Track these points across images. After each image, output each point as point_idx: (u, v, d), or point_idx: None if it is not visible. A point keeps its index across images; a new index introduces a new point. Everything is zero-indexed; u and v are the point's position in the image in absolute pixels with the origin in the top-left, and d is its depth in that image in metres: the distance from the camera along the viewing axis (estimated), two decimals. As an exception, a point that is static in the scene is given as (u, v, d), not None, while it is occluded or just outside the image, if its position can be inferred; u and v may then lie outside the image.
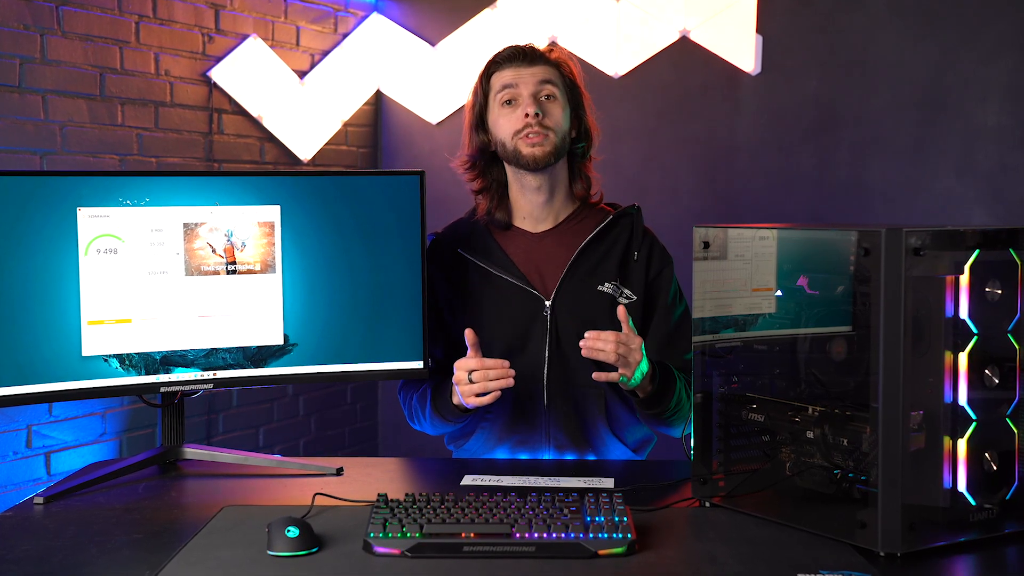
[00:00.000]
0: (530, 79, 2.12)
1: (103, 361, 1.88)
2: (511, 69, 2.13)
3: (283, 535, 1.50)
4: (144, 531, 1.63)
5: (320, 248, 2.00)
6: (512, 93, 2.12)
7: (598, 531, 1.50)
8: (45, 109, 3.12)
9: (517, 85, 2.12)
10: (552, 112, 2.11)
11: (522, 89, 2.11)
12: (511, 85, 2.12)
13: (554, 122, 2.11)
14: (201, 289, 1.94)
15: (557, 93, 2.13)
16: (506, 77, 2.13)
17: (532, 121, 2.08)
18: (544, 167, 2.11)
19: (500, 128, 2.13)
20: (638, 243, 2.17)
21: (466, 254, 2.17)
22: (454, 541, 1.49)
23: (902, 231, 1.45)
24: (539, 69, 2.13)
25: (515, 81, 2.12)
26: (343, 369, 2.02)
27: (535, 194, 2.16)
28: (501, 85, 2.13)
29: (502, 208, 2.18)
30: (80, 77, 3.21)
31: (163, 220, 1.91)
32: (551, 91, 2.12)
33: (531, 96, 2.10)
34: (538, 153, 2.09)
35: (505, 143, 2.12)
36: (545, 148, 2.09)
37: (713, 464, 1.72)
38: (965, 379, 1.51)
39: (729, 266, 1.70)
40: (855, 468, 1.52)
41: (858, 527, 1.49)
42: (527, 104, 2.10)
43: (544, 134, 2.09)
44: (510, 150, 2.12)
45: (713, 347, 1.73)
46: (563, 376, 2.12)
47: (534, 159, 2.10)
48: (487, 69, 2.17)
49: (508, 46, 2.18)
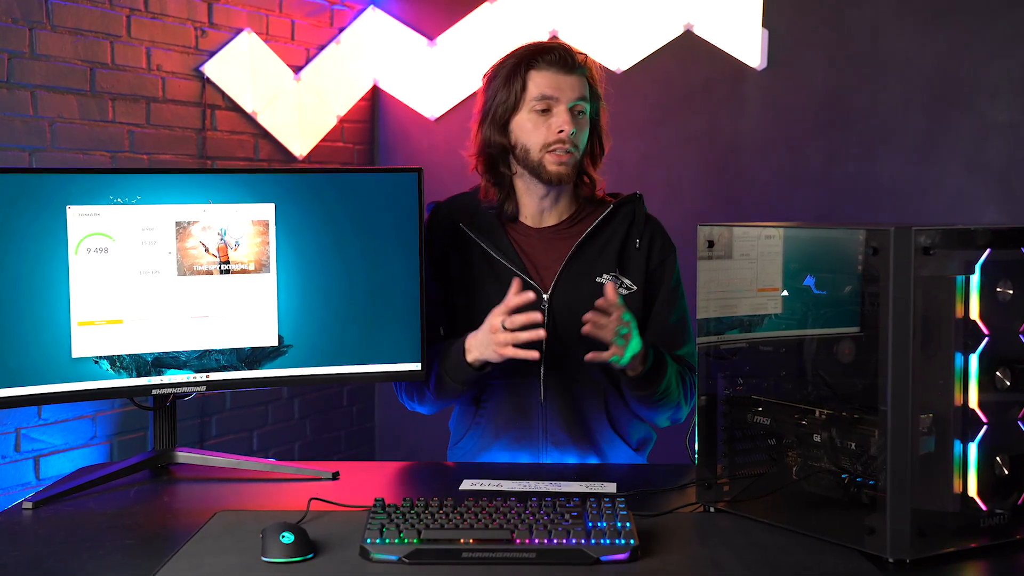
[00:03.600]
0: (570, 92, 2.08)
1: (93, 363, 1.88)
2: (552, 73, 2.08)
3: (277, 541, 1.50)
4: (135, 537, 1.63)
5: (315, 247, 2.00)
6: (549, 104, 2.08)
7: (600, 537, 1.51)
8: (34, 105, 3.12)
9: (557, 98, 2.08)
10: (581, 130, 2.11)
11: (561, 102, 2.08)
12: (551, 96, 2.08)
13: (580, 140, 2.11)
14: (194, 289, 1.94)
15: (586, 109, 2.12)
16: (546, 83, 2.08)
17: (566, 138, 2.07)
18: (564, 184, 2.12)
19: (527, 134, 2.10)
20: (639, 230, 2.18)
21: (470, 232, 2.16)
22: (453, 547, 1.49)
23: (911, 230, 1.45)
24: (576, 80, 2.09)
25: (555, 92, 2.08)
26: (339, 371, 2.02)
27: (542, 201, 2.17)
28: (540, 93, 2.08)
29: (511, 201, 2.18)
30: (70, 72, 3.21)
31: (155, 219, 1.91)
32: (583, 108, 2.11)
33: (568, 111, 2.08)
34: (563, 172, 2.10)
35: (530, 152, 2.10)
36: (568, 167, 2.10)
37: (718, 468, 1.72)
38: (976, 381, 1.51)
39: (734, 265, 1.70)
40: (863, 472, 1.52)
41: (866, 533, 1.49)
42: (564, 121, 2.07)
43: (572, 153, 2.09)
44: (534, 161, 2.10)
45: (718, 348, 1.73)
46: (561, 370, 2.12)
47: (559, 177, 2.10)
48: (522, 64, 2.10)
49: (545, 43, 2.14)
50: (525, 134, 2.10)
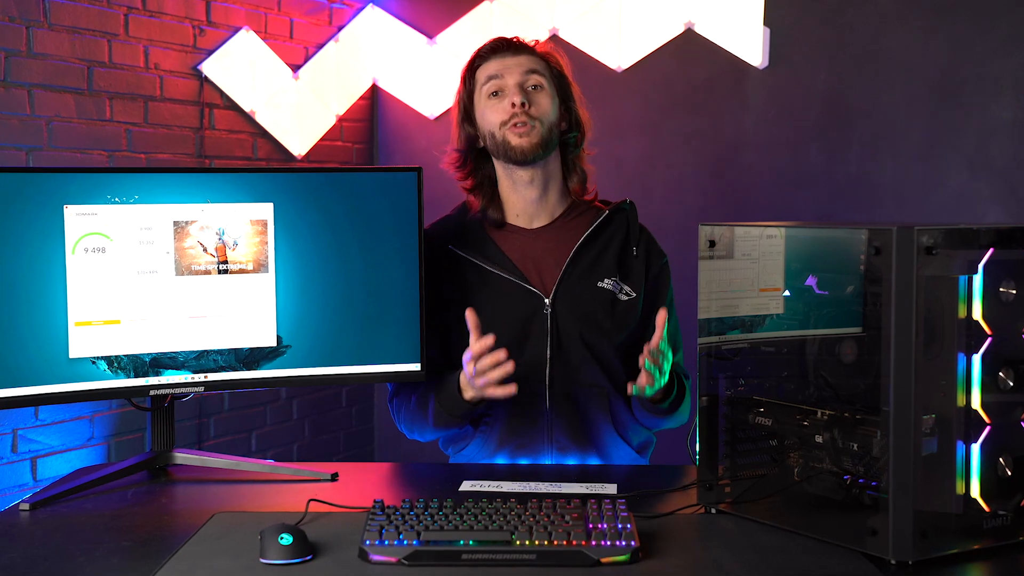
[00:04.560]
0: (516, 68, 2.13)
1: (91, 363, 1.88)
2: (496, 60, 2.15)
3: (276, 542, 1.50)
4: (133, 539, 1.63)
5: (314, 247, 2.00)
6: (498, 84, 2.13)
7: (601, 538, 1.50)
8: (31, 104, 3.12)
9: (503, 76, 2.13)
10: (539, 102, 2.12)
11: (508, 79, 2.13)
12: (496, 76, 2.14)
13: (541, 112, 2.12)
14: (192, 289, 1.94)
15: (544, 83, 2.14)
16: (491, 68, 2.15)
17: (519, 111, 2.09)
18: (533, 159, 2.12)
19: (487, 120, 2.14)
20: (635, 238, 2.18)
21: (459, 251, 2.16)
22: (453, 549, 1.49)
23: (914, 229, 1.45)
24: (524, 59, 2.15)
25: (500, 71, 2.14)
26: (338, 372, 2.02)
27: (527, 189, 2.16)
28: (486, 76, 2.15)
29: (495, 206, 2.18)
30: (67, 71, 3.21)
31: (153, 218, 1.91)
32: (538, 80, 2.14)
33: (517, 85, 2.12)
34: (525, 144, 2.10)
35: (493, 134, 2.13)
36: (532, 139, 2.10)
37: (719, 469, 1.72)
38: (978, 382, 1.51)
39: (736, 265, 1.70)
40: (865, 473, 1.52)
41: (869, 534, 1.49)
42: (513, 94, 2.11)
43: (531, 124, 2.10)
44: (498, 141, 2.12)
45: (719, 349, 1.73)
46: (565, 375, 2.12)
47: (522, 150, 2.10)
48: (471, 63, 2.20)
49: (492, 39, 2.20)
50: (484, 120, 2.15)
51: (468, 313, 1.95)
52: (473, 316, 1.95)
